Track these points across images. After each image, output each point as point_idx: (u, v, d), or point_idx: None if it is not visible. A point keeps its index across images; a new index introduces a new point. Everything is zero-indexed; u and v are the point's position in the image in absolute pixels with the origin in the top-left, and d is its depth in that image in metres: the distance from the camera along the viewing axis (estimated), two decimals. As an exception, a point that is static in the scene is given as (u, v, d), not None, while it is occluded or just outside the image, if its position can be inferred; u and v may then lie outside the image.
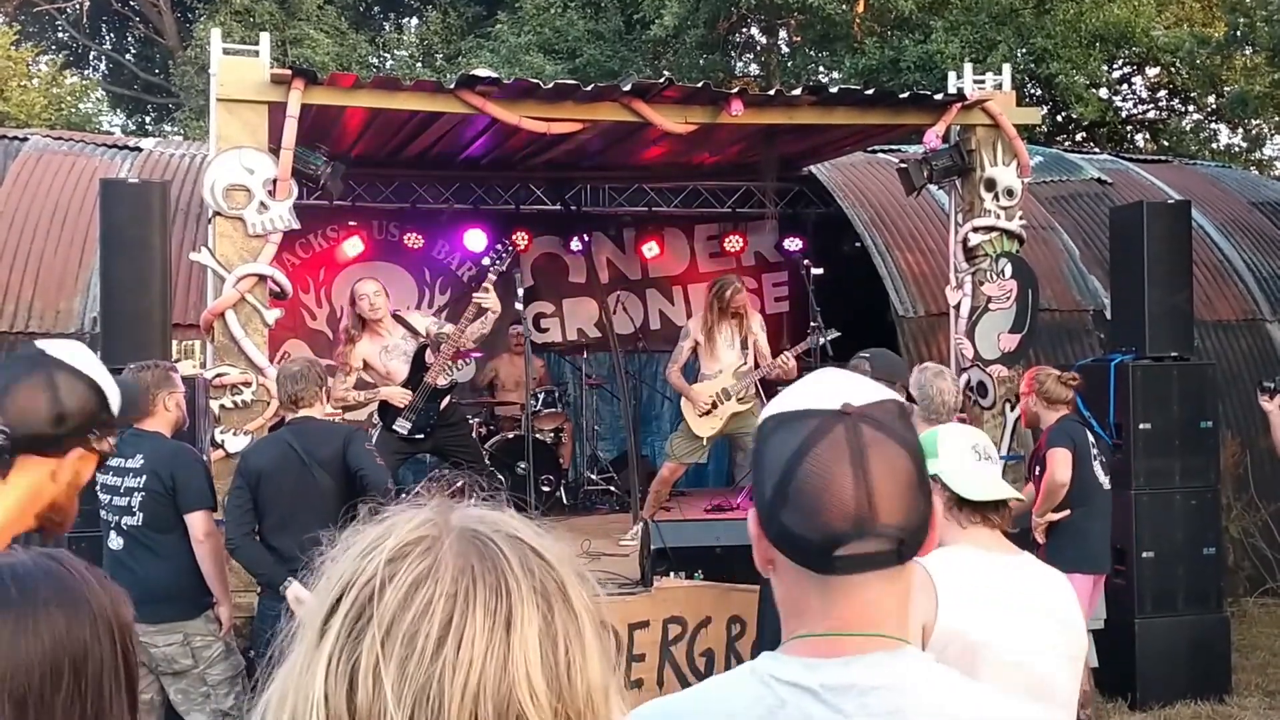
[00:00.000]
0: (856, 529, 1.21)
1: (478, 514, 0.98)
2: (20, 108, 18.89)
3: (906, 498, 1.24)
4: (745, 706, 1.25)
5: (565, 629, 0.92)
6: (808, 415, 1.26)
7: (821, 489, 1.22)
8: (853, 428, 1.24)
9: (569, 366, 10.79)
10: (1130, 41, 15.73)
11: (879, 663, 1.23)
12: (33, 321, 7.98)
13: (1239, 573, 8.26)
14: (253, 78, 6.11)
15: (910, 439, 1.27)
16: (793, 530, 1.24)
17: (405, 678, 0.87)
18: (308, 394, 4.94)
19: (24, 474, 1.93)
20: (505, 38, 18.11)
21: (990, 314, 7.23)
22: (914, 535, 1.25)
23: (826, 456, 1.23)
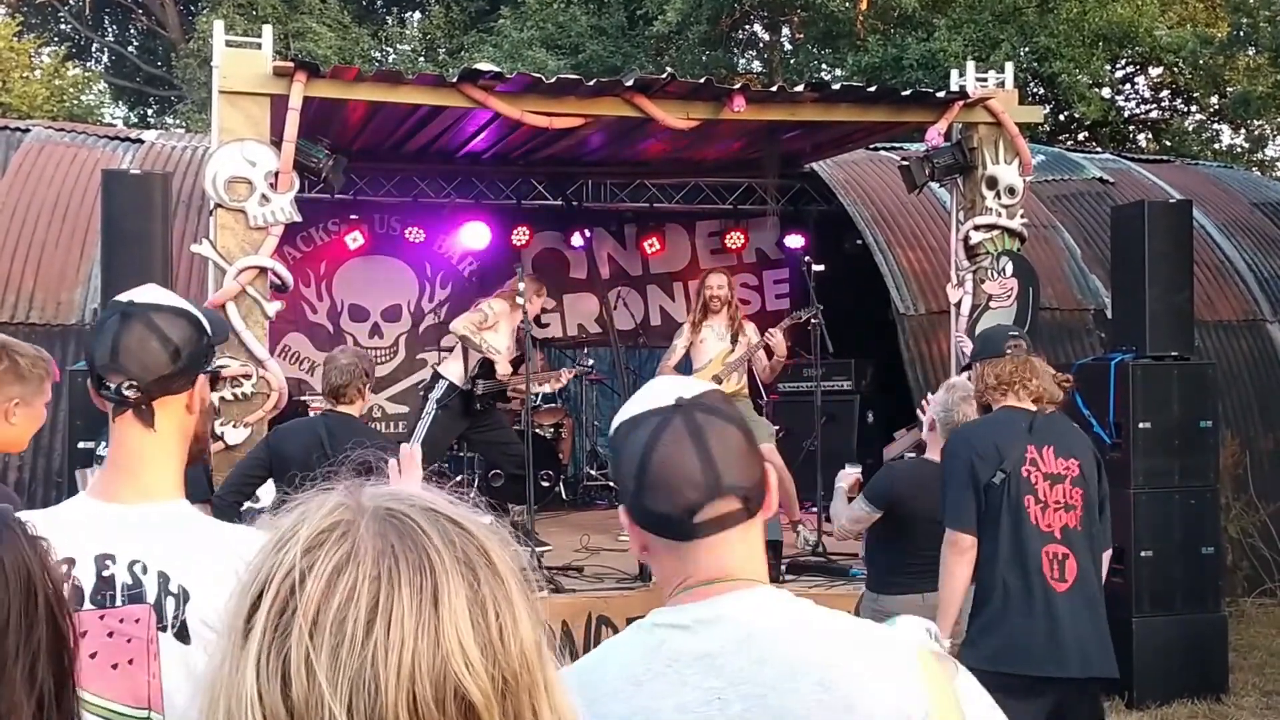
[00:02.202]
0: (708, 494, 1.44)
1: (388, 491, 0.97)
2: (22, 99, 18.89)
3: (743, 461, 1.47)
4: (632, 651, 1.46)
5: (493, 594, 0.92)
6: (650, 414, 1.49)
7: (672, 468, 1.45)
8: (688, 415, 1.47)
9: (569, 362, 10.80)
10: (1133, 41, 15.72)
11: (738, 597, 1.45)
12: (33, 312, 7.99)
13: (1237, 573, 8.27)
14: (255, 70, 6.11)
15: (736, 416, 1.51)
16: (655, 510, 1.46)
17: (338, 665, 0.87)
18: (351, 391, 4.92)
19: (167, 418, 2.04)
20: (508, 32, 18.10)
21: (991, 312, 7.23)
22: (756, 491, 1.48)
23: (670, 441, 1.46)
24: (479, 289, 10.00)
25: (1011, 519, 3.87)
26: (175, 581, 2.01)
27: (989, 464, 3.88)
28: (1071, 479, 3.93)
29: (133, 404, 2.03)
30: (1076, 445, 4.03)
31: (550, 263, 10.74)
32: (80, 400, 5.88)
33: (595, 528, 7.92)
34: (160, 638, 2.00)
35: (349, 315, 10.23)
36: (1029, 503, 3.88)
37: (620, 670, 1.44)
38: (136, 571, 2.03)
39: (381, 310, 10.26)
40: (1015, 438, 3.91)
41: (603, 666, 1.47)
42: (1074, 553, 3.90)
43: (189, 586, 2.01)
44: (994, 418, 4.03)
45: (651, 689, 1.40)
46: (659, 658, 1.43)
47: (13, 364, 2.98)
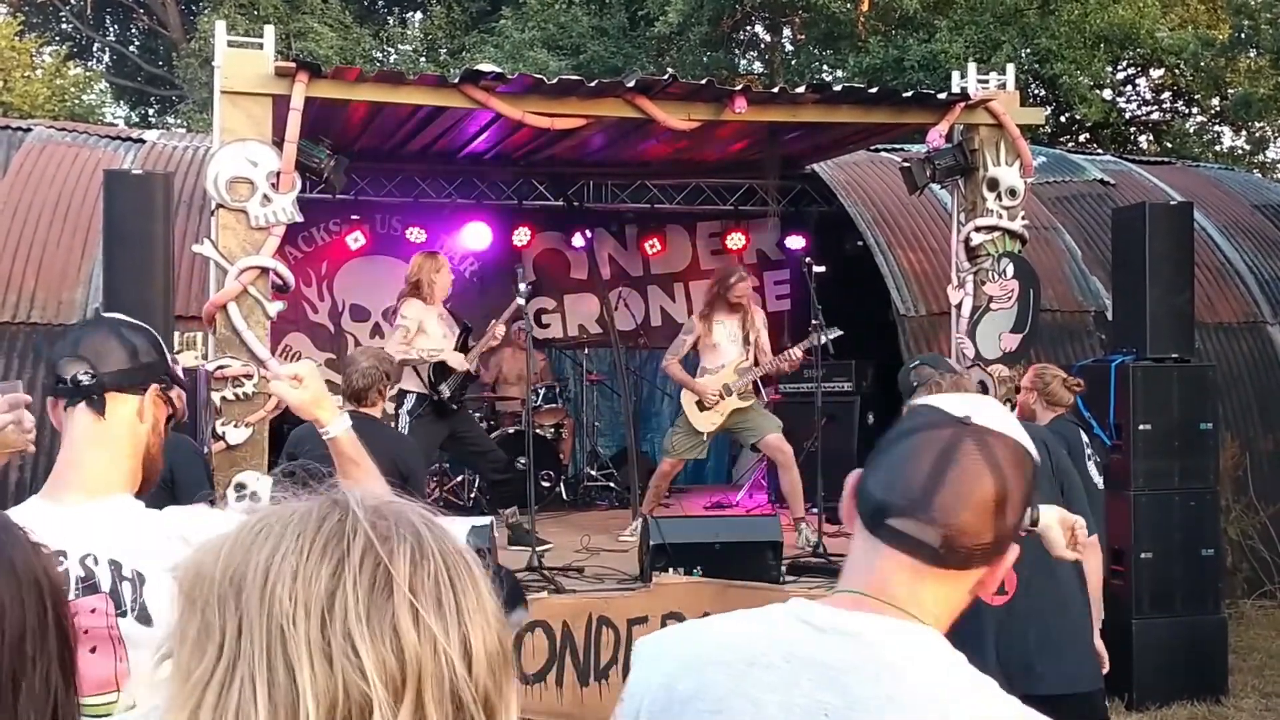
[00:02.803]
0: (909, 507, 1.36)
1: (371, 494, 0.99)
2: (24, 98, 18.90)
3: (969, 511, 1.35)
4: (760, 632, 1.41)
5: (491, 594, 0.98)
6: (935, 411, 1.43)
7: (901, 464, 1.40)
8: (960, 435, 1.38)
9: (570, 362, 10.81)
10: (1135, 43, 15.72)
11: (889, 625, 1.35)
12: (34, 312, 7.99)
13: (1237, 574, 8.27)
14: (257, 70, 6.11)
15: (1005, 477, 1.37)
16: (868, 488, 1.42)
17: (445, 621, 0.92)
18: (373, 393, 4.88)
19: (117, 413, 2.14)
20: (509, 33, 18.10)
21: (992, 314, 7.24)
22: (960, 547, 1.35)
23: (922, 442, 1.39)
24: (480, 289, 10.01)
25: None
26: (128, 567, 2.04)
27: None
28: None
29: (86, 391, 2.11)
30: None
31: (551, 263, 10.75)
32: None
33: (596, 528, 7.93)
34: (121, 623, 2.02)
35: (350, 315, 10.24)
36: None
37: (739, 645, 1.40)
38: (89, 564, 2.05)
39: (383, 310, 10.25)
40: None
41: (723, 632, 1.44)
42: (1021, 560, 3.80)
43: (143, 570, 2.04)
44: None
45: (762, 677, 1.36)
46: (780, 648, 1.37)
47: None
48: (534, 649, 5.71)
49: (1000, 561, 1.40)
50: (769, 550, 6.04)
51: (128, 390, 2.16)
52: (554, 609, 5.79)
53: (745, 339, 7.56)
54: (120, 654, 2.04)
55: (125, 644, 2.03)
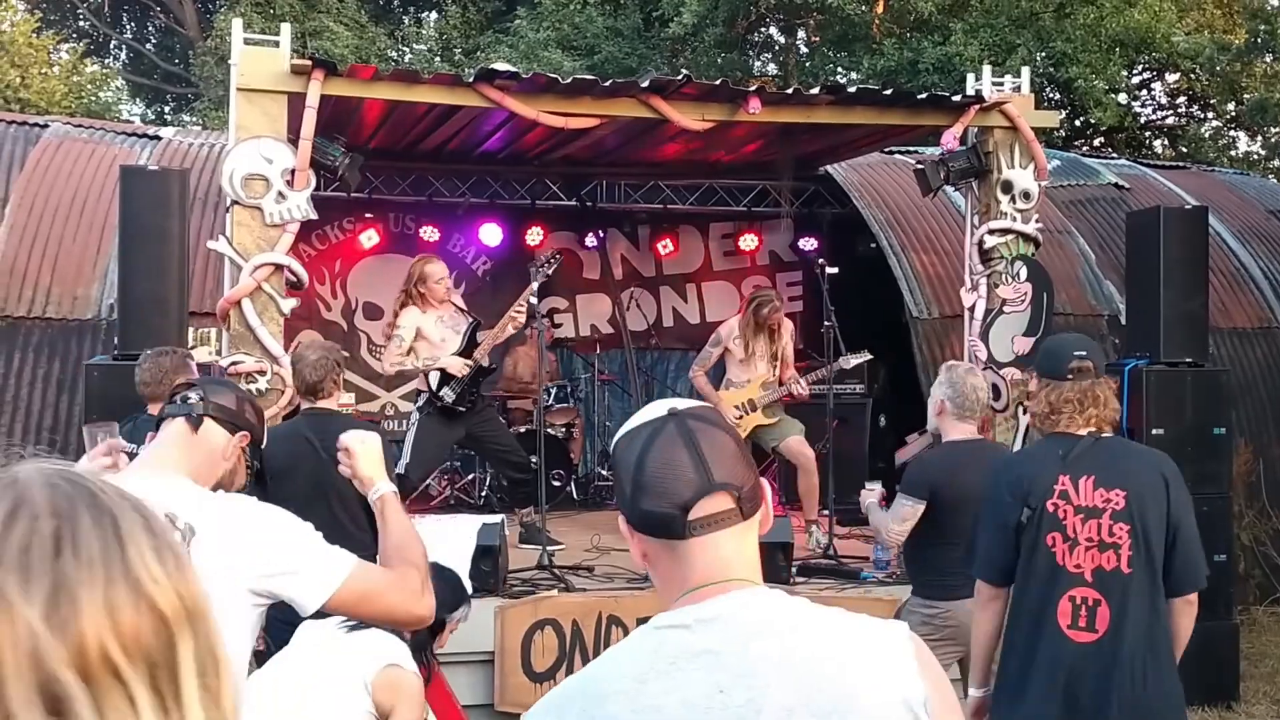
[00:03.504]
0: (699, 490, 1.48)
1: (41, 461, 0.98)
2: (41, 95, 18.99)
3: (735, 463, 1.51)
4: (634, 655, 1.48)
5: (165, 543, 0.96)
6: (644, 425, 1.55)
7: (665, 469, 1.50)
8: (680, 422, 1.53)
9: (581, 362, 10.81)
10: (1150, 47, 15.67)
11: (737, 597, 1.48)
12: (50, 307, 8.03)
13: (1249, 581, 8.24)
14: (273, 68, 6.14)
15: (728, 426, 1.57)
16: (651, 510, 1.50)
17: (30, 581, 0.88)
18: (326, 385, 4.87)
19: (208, 436, 2.60)
20: (524, 33, 18.13)
21: (1005, 317, 7.22)
22: (749, 492, 1.51)
23: (664, 445, 1.51)
24: (493, 288, 10.02)
25: (1032, 560, 3.42)
26: (181, 519, 2.29)
27: (1017, 502, 3.45)
28: (1113, 512, 3.40)
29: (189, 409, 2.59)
30: (1131, 473, 3.47)
31: (564, 263, 10.73)
32: (96, 394, 5.93)
33: (606, 527, 7.92)
34: None
35: (363, 313, 10.27)
36: (1054, 540, 3.41)
37: (624, 671, 1.47)
38: None
39: (391, 313, 10.28)
40: (1047, 468, 3.45)
41: (607, 669, 1.51)
42: (1108, 598, 3.37)
43: (195, 524, 2.30)
44: (1031, 449, 3.72)
45: (655, 687, 1.43)
46: (661, 657, 1.45)
47: None
48: (544, 647, 5.73)
49: (765, 494, 1.55)
50: (779, 551, 6.03)
51: (223, 424, 2.62)
52: (564, 607, 5.80)
53: (774, 355, 7.56)
54: None
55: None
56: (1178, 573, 3.46)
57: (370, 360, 10.24)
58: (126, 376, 5.13)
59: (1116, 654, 3.37)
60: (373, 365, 10.22)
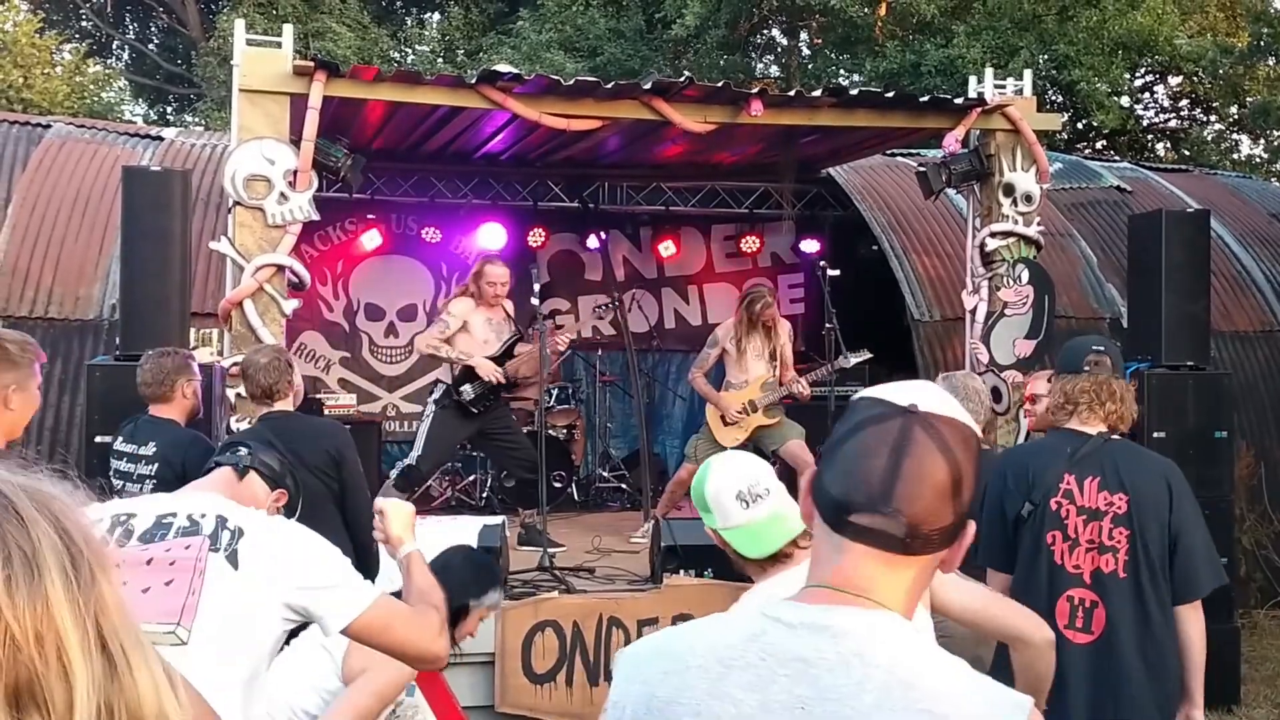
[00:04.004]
0: (870, 502, 1.36)
1: None
2: (43, 95, 19.01)
3: (929, 498, 1.37)
4: (734, 633, 1.42)
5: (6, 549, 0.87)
6: (879, 403, 1.43)
7: (856, 460, 1.39)
8: (908, 423, 1.39)
9: (583, 363, 10.82)
10: (1153, 50, 15.67)
11: (856, 614, 1.37)
12: (52, 308, 8.04)
13: (1250, 584, 8.23)
14: (275, 69, 6.15)
15: (957, 459, 1.39)
16: (825, 486, 1.42)
17: None
18: (281, 386, 4.89)
19: (251, 484, 2.86)
20: (526, 34, 18.14)
21: (1006, 319, 7.22)
22: (925, 534, 1.37)
23: (874, 436, 1.39)
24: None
25: (1033, 557, 3.42)
26: (232, 522, 2.45)
27: (1019, 494, 3.46)
28: (1114, 516, 3.41)
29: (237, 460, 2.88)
30: (1136, 479, 3.45)
31: (565, 264, 10.76)
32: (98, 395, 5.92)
33: (607, 529, 7.93)
34: (211, 557, 2.38)
35: (365, 314, 10.27)
36: (1054, 538, 3.42)
37: (714, 647, 1.41)
38: (195, 517, 2.45)
39: (397, 310, 10.29)
40: (1054, 464, 3.45)
41: (698, 637, 1.45)
42: (1105, 601, 3.40)
43: (244, 527, 2.45)
44: (1039, 442, 3.65)
45: (739, 678, 1.37)
46: (755, 647, 1.39)
47: (4, 351, 3.12)
48: (544, 648, 5.73)
49: (962, 539, 1.42)
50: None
51: (265, 478, 2.90)
52: (565, 609, 5.80)
53: (772, 355, 7.55)
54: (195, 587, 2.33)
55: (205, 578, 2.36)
56: (1176, 582, 3.44)
57: (372, 361, 10.25)
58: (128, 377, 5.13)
59: (1109, 657, 3.38)
60: (375, 366, 10.23)
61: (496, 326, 7.30)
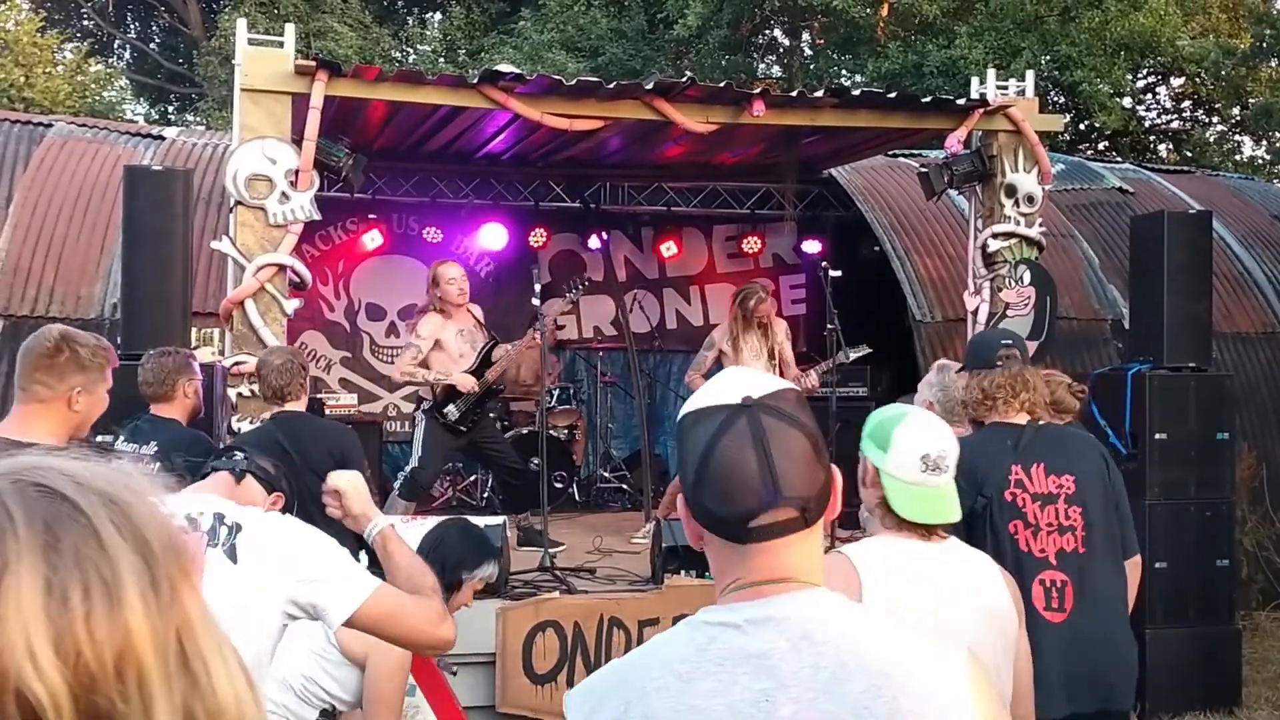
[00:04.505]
0: (764, 503, 1.42)
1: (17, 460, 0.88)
2: (45, 94, 19.02)
3: (806, 472, 1.44)
4: (679, 649, 1.44)
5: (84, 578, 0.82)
6: (716, 410, 1.46)
7: (732, 472, 1.43)
8: (754, 417, 1.44)
9: (584, 364, 10.81)
10: (1155, 51, 15.67)
11: (792, 599, 1.43)
12: (53, 307, 8.03)
13: (1252, 586, 8.22)
14: (277, 69, 6.14)
15: (805, 421, 1.47)
16: (713, 510, 1.45)
17: None
18: (293, 388, 4.92)
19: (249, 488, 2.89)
20: (528, 34, 18.15)
21: (1008, 320, 7.21)
22: (817, 502, 1.45)
23: (733, 444, 1.43)
24: (495, 290, 10.02)
25: (995, 549, 3.44)
26: (230, 518, 2.46)
27: (969, 490, 3.41)
28: (1066, 497, 3.58)
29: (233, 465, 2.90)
30: (1074, 457, 3.67)
31: (567, 265, 10.75)
32: (99, 394, 5.91)
33: (608, 530, 7.93)
34: (210, 552, 2.39)
35: (366, 314, 10.27)
36: (1016, 528, 3.53)
37: (667, 666, 1.43)
38: (193, 515, 2.45)
39: (398, 310, 10.28)
40: (998, 458, 3.57)
41: (649, 661, 1.46)
42: (1073, 579, 3.56)
43: (242, 522, 2.46)
44: (976, 439, 3.66)
45: (700, 687, 1.39)
46: (709, 656, 1.41)
47: (73, 354, 3.26)
48: (545, 649, 5.72)
49: (835, 485, 1.48)
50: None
51: (261, 482, 2.91)
52: (566, 609, 5.80)
53: (770, 354, 7.54)
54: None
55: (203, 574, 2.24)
56: (1129, 540, 3.75)
57: (373, 361, 10.24)
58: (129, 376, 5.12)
59: (1086, 630, 3.54)
60: (376, 366, 10.22)
61: (469, 336, 7.16)
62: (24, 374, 3.23)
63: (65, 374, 3.20)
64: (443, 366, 7.04)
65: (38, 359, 3.21)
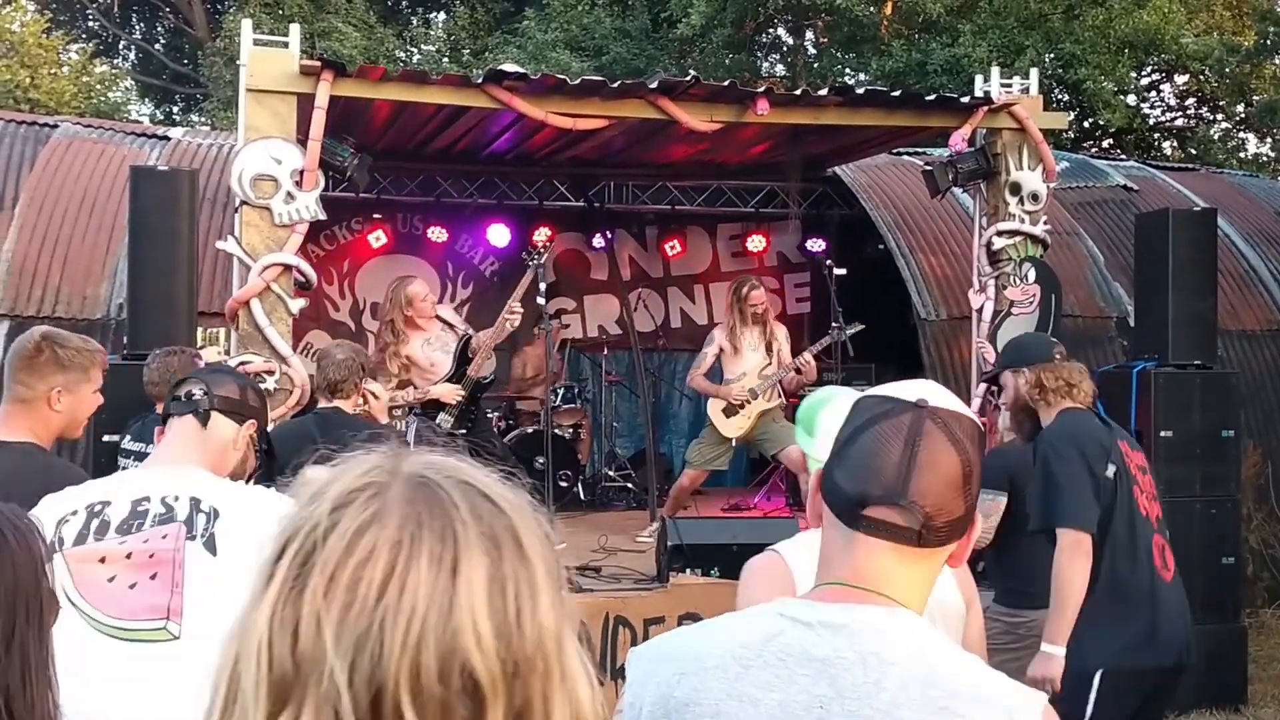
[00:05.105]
0: (886, 495, 1.39)
1: (429, 460, 0.97)
2: (50, 95, 19.05)
3: (942, 491, 1.40)
4: (751, 633, 1.42)
5: (515, 575, 0.91)
6: (889, 400, 1.46)
7: (870, 454, 1.41)
8: (919, 418, 1.42)
9: (589, 363, 10.82)
10: (1159, 48, 15.64)
11: (874, 612, 1.39)
12: (60, 307, 8.05)
13: (1257, 584, 8.22)
14: (282, 69, 6.15)
15: (968, 451, 1.42)
16: (839, 483, 1.43)
17: (346, 625, 0.86)
18: (347, 386, 4.88)
19: (217, 430, 2.63)
20: (532, 34, 18.15)
21: (1013, 318, 7.21)
22: (939, 526, 1.40)
23: (886, 431, 1.42)
24: (500, 289, 10.03)
25: (1125, 512, 3.84)
26: (206, 503, 2.38)
27: (1100, 459, 3.82)
28: (1148, 470, 4.02)
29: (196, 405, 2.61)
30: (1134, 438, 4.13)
31: (571, 264, 10.76)
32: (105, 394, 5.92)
33: (613, 528, 7.93)
34: (189, 546, 2.33)
35: (371, 314, 10.26)
36: (1136, 494, 3.88)
37: (731, 648, 1.41)
38: (169, 501, 2.39)
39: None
40: (1106, 434, 3.93)
41: (713, 638, 1.45)
42: (1167, 542, 3.95)
43: (219, 507, 2.38)
44: (1075, 419, 3.94)
45: (758, 677, 1.38)
46: (773, 647, 1.39)
47: (54, 355, 3.27)
48: (551, 648, 5.72)
49: (971, 531, 1.45)
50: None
51: (231, 416, 2.65)
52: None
53: (768, 348, 7.55)
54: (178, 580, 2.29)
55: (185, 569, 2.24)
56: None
57: (378, 360, 10.25)
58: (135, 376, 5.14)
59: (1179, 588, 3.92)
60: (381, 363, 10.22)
61: (440, 342, 6.95)
62: (9, 374, 3.27)
63: (45, 374, 3.23)
64: (421, 380, 6.88)
65: (20, 359, 3.25)
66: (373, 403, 5.11)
